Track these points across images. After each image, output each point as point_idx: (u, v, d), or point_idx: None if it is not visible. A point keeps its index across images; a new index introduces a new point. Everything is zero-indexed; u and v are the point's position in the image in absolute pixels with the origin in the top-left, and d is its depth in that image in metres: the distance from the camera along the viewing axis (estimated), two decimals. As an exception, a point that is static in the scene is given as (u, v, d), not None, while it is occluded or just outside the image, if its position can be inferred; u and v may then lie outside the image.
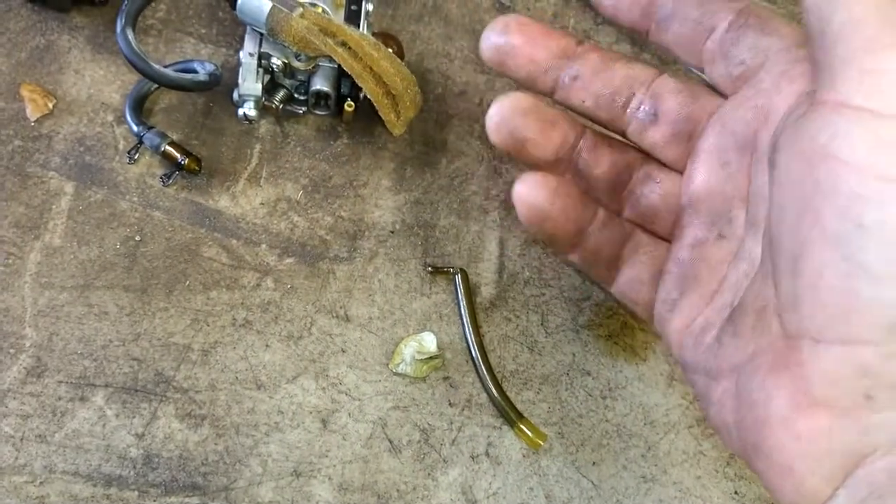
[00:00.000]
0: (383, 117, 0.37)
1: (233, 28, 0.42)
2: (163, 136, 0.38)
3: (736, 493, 0.35)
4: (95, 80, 0.40)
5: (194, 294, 0.37)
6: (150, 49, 0.41)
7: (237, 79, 0.38)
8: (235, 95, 0.38)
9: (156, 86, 0.40)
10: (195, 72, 0.39)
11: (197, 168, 0.38)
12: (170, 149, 0.38)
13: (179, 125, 0.40)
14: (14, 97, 0.39)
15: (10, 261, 0.36)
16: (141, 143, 0.38)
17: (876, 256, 0.20)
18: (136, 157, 0.39)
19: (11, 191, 0.37)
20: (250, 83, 0.38)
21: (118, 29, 0.36)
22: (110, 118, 0.40)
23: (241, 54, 0.38)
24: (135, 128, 0.39)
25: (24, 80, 0.40)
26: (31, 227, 0.37)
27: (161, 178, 0.39)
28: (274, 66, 0.38)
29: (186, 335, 0.36)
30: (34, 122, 0.39)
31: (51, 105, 0.39)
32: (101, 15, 0.42)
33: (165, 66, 0.38)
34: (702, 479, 0.35)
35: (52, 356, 0.35)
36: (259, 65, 0.38)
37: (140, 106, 0.39)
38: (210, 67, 0.38)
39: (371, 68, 0.36)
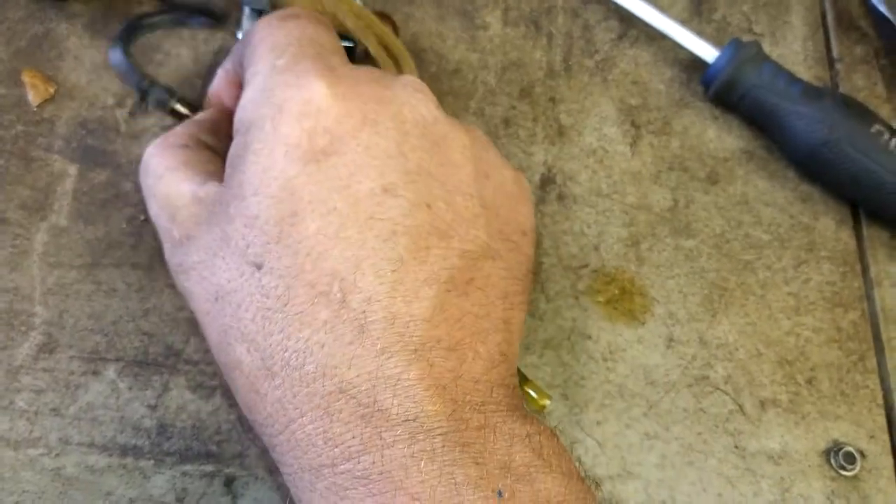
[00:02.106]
0: None
1: (229, 8, 0.43)
2: (170, 91, 0.38)
3: (736, 446, 0.36)
4: (95, 66, 0.41)
5: (201, 270, 0.37)
6: (146, 34, 0.42)
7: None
8: (235, 76, 0.39)
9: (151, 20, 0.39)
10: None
11: None
12: (179, 106, 0.38)
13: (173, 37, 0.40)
14: (15, 84, 0.40)
15: (18, 241, 0.37)
16: (145, 98, 0.38)
17: None
18: (140, 110, 0.38)
19: (16, 174, 0.38)
20: (250, 63, 0.39)
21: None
22: (111, 102, 0.40)
23: (239, 35, 0.39)
24: (133, 77, 0.37)
25: (25, 67, 0.40)
26: (37, 208, 0.37)
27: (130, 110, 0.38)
28: (272, 46, 0.39)
29: (195, 309, 0.36)
30: (36, 107, 0.40)
31: (52, 90, 0.40)
32: (98, 2, 0.42)
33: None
34: (702, 434, 0.36)
35: (63, 332, 0.35)
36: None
37: (131, 43, 0.38)
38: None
39: (371, 29, 0.37)
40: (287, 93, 0.27)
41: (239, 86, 0.34)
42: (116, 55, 0.37)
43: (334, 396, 0.24)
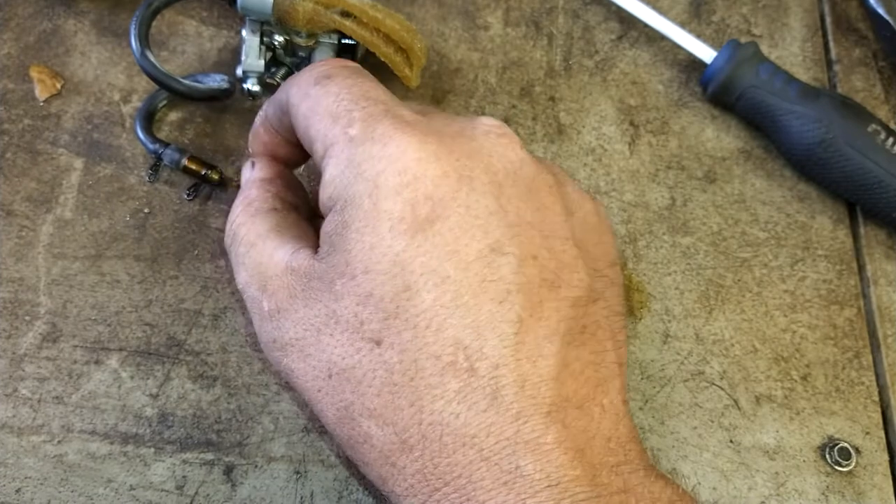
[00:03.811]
0: (399, 74, 0.39)
1: (234, 10, 0.43)
2: (181, 151, 0.38)
3: (731, 441, 0.36)
4: (101, 62, 0.42)
5: (203, 263, 0.38)
6: (152, 33, 0.42)
7: (239, 57, 0.39)
8: (239, 72, 0.40)
9: (164, 101, 0.40)
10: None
11: (218, 178, 0.39)
12: (190, 164, 0.39)
13: (184, 104, 0.41)
14: (23, 79, 0.41)
15: (24, 233, 0.37)
16: (160, 160, 0.39)
17: None
18: (156, 176, 0.39)
19: (23, 167, 0.39)
20: (253, 59, 0.39)
21: (136, 54, 0.37)
22: (116, 97, 0.41)
23: (244, 32, 0.39)
24: (150, 146, 0.39)
25: (33, 63, 0.41)
26: (43, 201, 0.38)
27: (186, 192, 0.39)
28: (276, 44, 0.39)
29: (197, 301, 0.37)
30: (43, 101, 0.40)
31: (59, 86, 0.41)
32: (105, 0, 0.43)
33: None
34: (698, 429, 0.37)
35: (66, 322, 0.36)
36: (261, 42, 0.39)
37: (151, 122, 0.40)
38: (219, 78, 0.40)
39: (378, 31, 0.38)
40: (378, 166, 0.26)
41: (277, 135, 0.33)
42: (137, 130, 0.39)
43: (476, 465, 0.24)
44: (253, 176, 0.33)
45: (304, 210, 0.33)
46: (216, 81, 0.40)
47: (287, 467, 0.34)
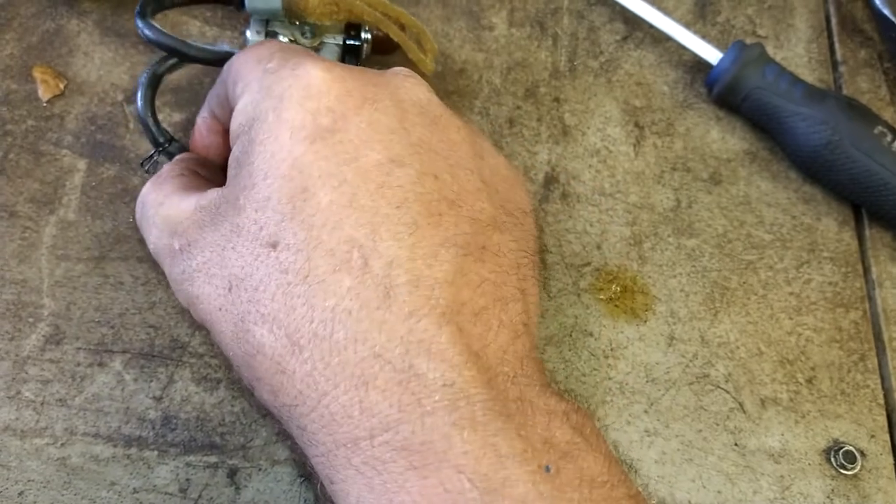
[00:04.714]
0: (413, 58, 0.39)
1: (239, 12, 0.43)
2: (183, 147, 0.37)
3: (736, 444, 0.36)
4: (104, 62, 0.41)
5: (207, 264, 0.37)
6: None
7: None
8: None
9: (164, 71, 0.39)
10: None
11: None
12: None
13: (187, 103, 0.41)
14: (26, 79, 0.40)
15: (27, 234, 0.37)
16: (159, 153, 0.37)
17: None
18: (151, 167, 0.38)
19: (26, 168, 0.38)
20: (257, 60, 0.39)
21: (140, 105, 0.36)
22: (120, 98, 0.41)
23: (248, 32, 0.39)
24: (160, 139, 0.36)
25: (36, 63, 0.41)
26: (46, 202, 0.38)
27: (142, 162, 0.38)
28: (280, 44, 0.39)
29: (200, 303, 0.37)
30: (46, 102, 0.40)
31: (62, 86, 0.40)
32: (108, 0, 0.43)
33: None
34: (703, 432, 0.36)
35: (70, 324, 0.36)
36: (266, 42, 0.39)
37: (156, 93, 0.37)
38: (227, 47, 0.39)
39: (388, 14, 0.37)
40: (285, 84, 0.28)
41: (220, 133, 0.35)
42: (139, 106, 0.37)
43: (368, 362, 0.24)
44: (177, 157, 0.35)
45: (215, 182, 0.33)
46: (225, 48, 0.39)
47: (291, 470, 0.34)
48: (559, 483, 0.23)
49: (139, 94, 0.36)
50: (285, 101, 0.27)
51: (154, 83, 0.37)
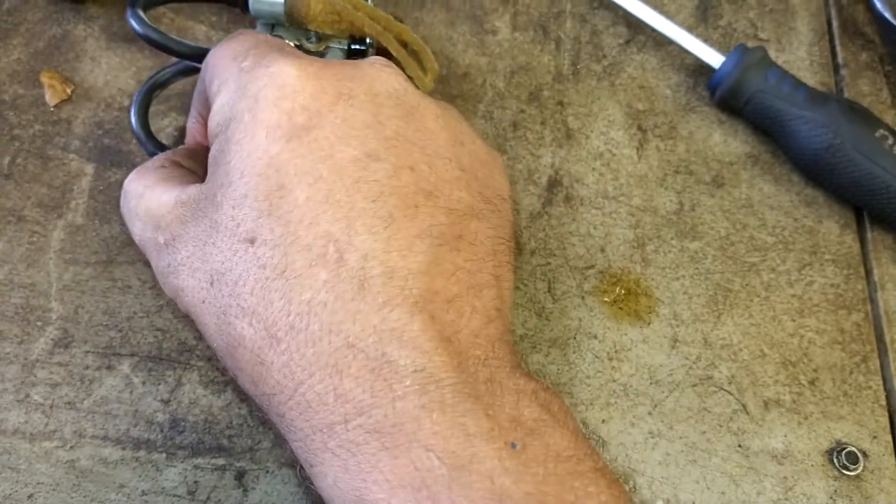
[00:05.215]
0: (412, 75, 0.39)
1: (244, 15, 0.43)
2: None
3: (740, 446, 0.37)
4: (111, 67, 0.42)
5: (213, 268, 0.38)
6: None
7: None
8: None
9: (160, 84, 0.39)
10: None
11: None
12: None
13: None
14: (34, 84, 0.41)
15: (35, 238, 0.37)
16: None
17: None
18: None
19: (34, 173, 0.39)
20: (263, 65, 0.39)
21: (130, 16, 0.36)
22: (126, 102, 0.41)
23: (254, 37, 0.39)
24: (151, 148, 0.37)
25: (43, 68, 0.41)
26: (54, 206, 0.38)
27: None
28: (285, 49, 0.39)
29: (207, 306, 0.37)
30: (53, 107, 0.40)
31: (69, 91, 0.41)
32: (115, 5, 0.43)
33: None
34: (706, 433, 0.37)
35: (78, 328, 0.36)
36: (271, 47, 0.39)
37: (147, 110, 0.37)
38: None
39: (390, 29, 0.38)
40: (259, 83, 0.28)
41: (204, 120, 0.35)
42: (133, 120, 0.37)
43: (342, 352, 0.25)
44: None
45: (197, 175, 0.34)
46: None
47: (298, 472, 0.34)
48: (525, 458, 0.24)
49: (133, 111, 0.37)
50: (260, 101, 0.28)
51: (147, 99, 0.38)
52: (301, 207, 0.26)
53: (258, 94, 0.28)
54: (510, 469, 0.23)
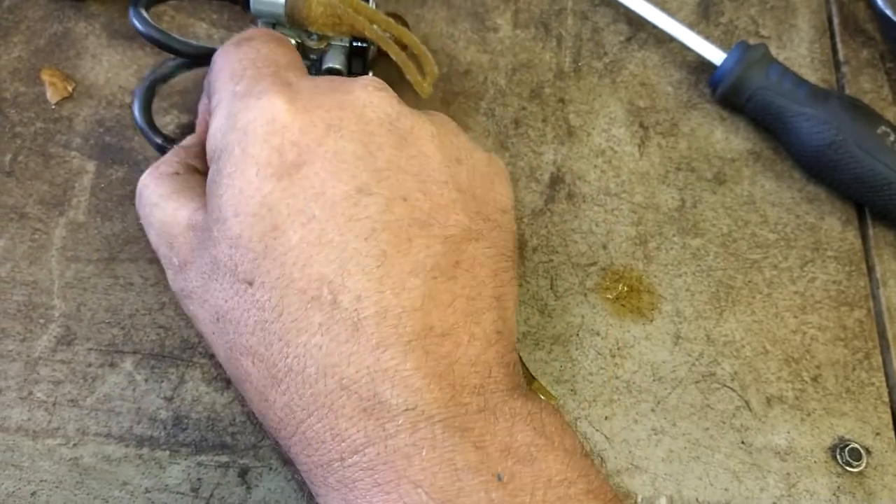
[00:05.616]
0: (411, 79, 0.39)
1: (245, 13, 0.43)
2: None
3: (743, 442, 0.37)
4: (112, 65, 0.42)
5: (216, 265, 0.38)
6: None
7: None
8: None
9: (163, 78, 0.39)
10: None
11: None
12: None
13: (194, 106, 0.41)
14: (35, 82, 0.41)
15: (37, 236, 0.37)
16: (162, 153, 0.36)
17: None
18: None
19: (35, 170, 0.39)
20: (265, 62, 0.39)
21: (132, 12, 0.36)
22: (128, 100, 0.41)
23: (256, 35, 0.39)
24: (158, 141, 0.37)
25: (44, 66, 0.41)
26: (56, 204, 0.38)
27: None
28: (287, 46, 0.39)
29: (210, 304, 0.37)
30: (55, 104, 0.40)
31: (70, 89, 0.41)
32: (115, 3, 0.43)
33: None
34: (709, 430, 0.37)
35: (80, 325, 0.36)
36: (273, 44, 0.39)
37: (151, 104, 0.37)
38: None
39: (390, 32, 0.38)
40: (249, 115, 0.28)
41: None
42: (137, 113, 0.37)
43: (336, 394, 0.25)
44: (180, 143, 0.36)
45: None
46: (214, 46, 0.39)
47: (302, 469, 0.34)
48: (512, 488, 0.24)
49: (136, 105, 0.37)
50: (249, 135, 0.28)
51: (150, 93, 0.37)
52: (295, 249, 0.26)
53: (247, 128, 0.28)
54: (496, 500, 0.24)
